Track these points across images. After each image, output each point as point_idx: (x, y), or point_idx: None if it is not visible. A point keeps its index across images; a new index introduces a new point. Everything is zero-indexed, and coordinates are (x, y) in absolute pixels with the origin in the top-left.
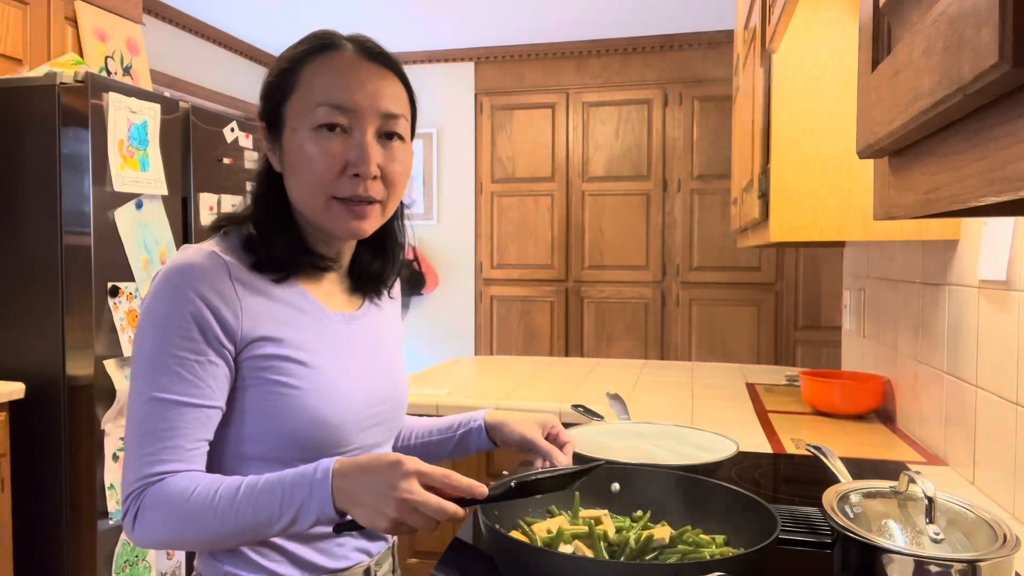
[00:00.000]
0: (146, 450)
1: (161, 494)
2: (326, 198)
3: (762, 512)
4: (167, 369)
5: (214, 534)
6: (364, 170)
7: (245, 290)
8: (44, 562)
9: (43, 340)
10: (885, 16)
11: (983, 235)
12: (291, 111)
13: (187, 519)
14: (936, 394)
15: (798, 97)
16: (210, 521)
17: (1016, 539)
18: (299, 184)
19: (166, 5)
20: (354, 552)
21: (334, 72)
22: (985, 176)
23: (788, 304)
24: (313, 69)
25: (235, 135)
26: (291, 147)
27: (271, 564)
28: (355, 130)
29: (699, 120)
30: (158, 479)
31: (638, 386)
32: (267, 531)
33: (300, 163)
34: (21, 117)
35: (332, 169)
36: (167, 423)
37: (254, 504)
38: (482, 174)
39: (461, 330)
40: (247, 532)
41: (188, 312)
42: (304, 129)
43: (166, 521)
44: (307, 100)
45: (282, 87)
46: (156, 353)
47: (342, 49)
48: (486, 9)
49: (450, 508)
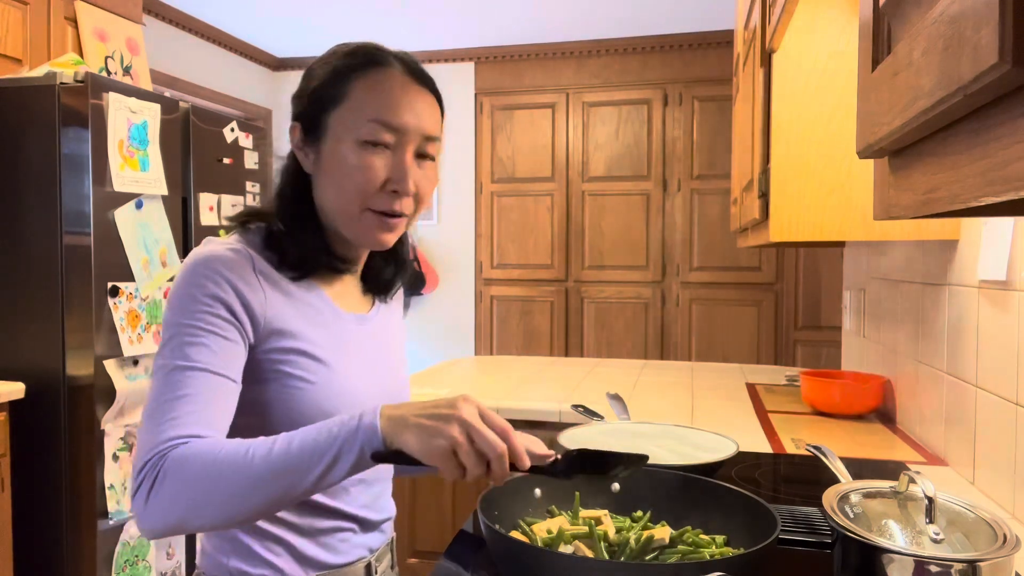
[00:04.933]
0: (170, 415)
1: (186, 454)
2: (361, 209)
3: (762, 512)
4: (194, 342)
5: (244, 491)
6: (404, 187)
7: (268, 283)
8: (44, 562)
9: (43, 340)
10: (885, 16)
11: (983, 235)
12: (336, 121)
13: (215, 476)
14: (936, 394)
15: (798, 97)
16: (241, 474)
17: (1016, 539)
18: (337, 191)
19: (166, 5)
20: (356, 548)
21: (386, 91)
22: (985, 176)
23: (788, 304)
24: (364, 84)
25: (235, 135)
26: (333, 156)
27: (276, 559)
28: (399, 149)
29: (699, 120)
30: (182, 442)
31: (638, 386)
32: (304, 477)
33: (341, 173)
34: (21, 117)
35: (373, 184)
36: (194, 388)
37: (290, 445)
38: (482, 174)
39: (461, 330)
40: (281, 482)
41: (215, 292)
42: (350, 141)
43: (189, 485)
44: (356, 114)
45: (329, 96)
46: (183, 328)
47: (391, 67)
48: (486, 9)
49: (500, 447)
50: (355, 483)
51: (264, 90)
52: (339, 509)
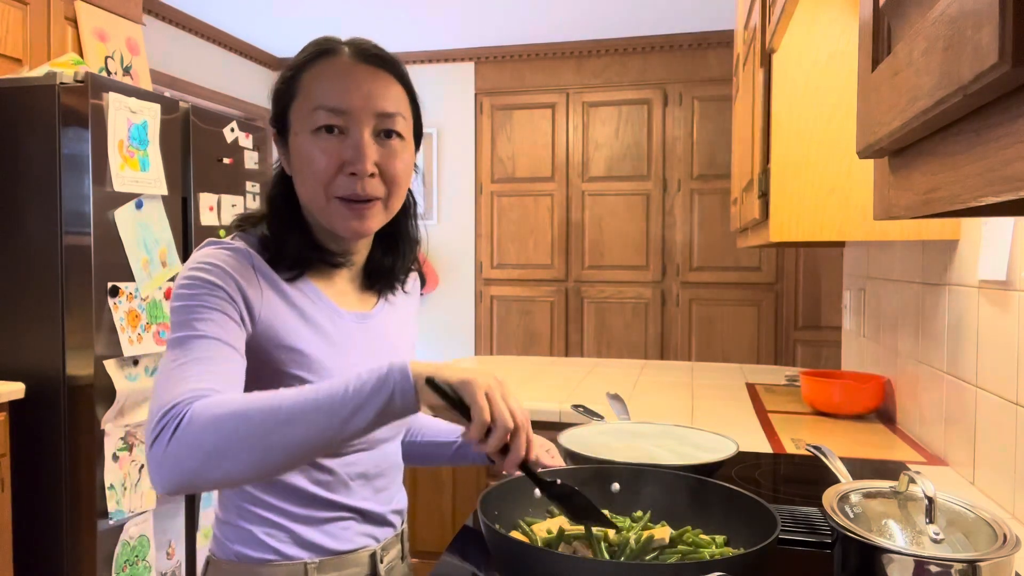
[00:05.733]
0: (187, 374)
1: (209, 401)
2: (327, 197)
3: (762, 512)
4: (202, 317)
5: (270, 433)
6: (360, 168)
7: (266, 282)
8: (44, 562)
9: (43, 340)
10: (885, 16)
11: (983, 235)
12: (294, 116)
13: (241, 417)
14: (936, 394)
15: (798, 97)
16: (268, 415)
17: (1016, 539)
18: (303, 185)
19: (166, 5)
20: (360, 536)
21: (330, 77)
22: (985, 176)
23: (788, 304)
24: (312, 75)
25: (235, 135)
26: (295, 150)
27: (279, 544)
28: (351, 130)
29: (699, 120)
30: (203, 395)
31: (638, 386)
32: (332, 418)
33: (302, 165)
34: (21, 117)
35: (330, 169)
36: (208, 354)
37: (318, 388)
38: (482, 174)
39: (461, 330)
40: (309, 423)
41: (218, 283)
42: (304, 132)
43: (213, 428)
44: (306, 105)
45: (287, 93)
46: (189, 309)
47: (339, 54)
48: (486, 9)
49: (523, 417)
50: (356, 478)
51: (264, 90)
52: (340, 502)
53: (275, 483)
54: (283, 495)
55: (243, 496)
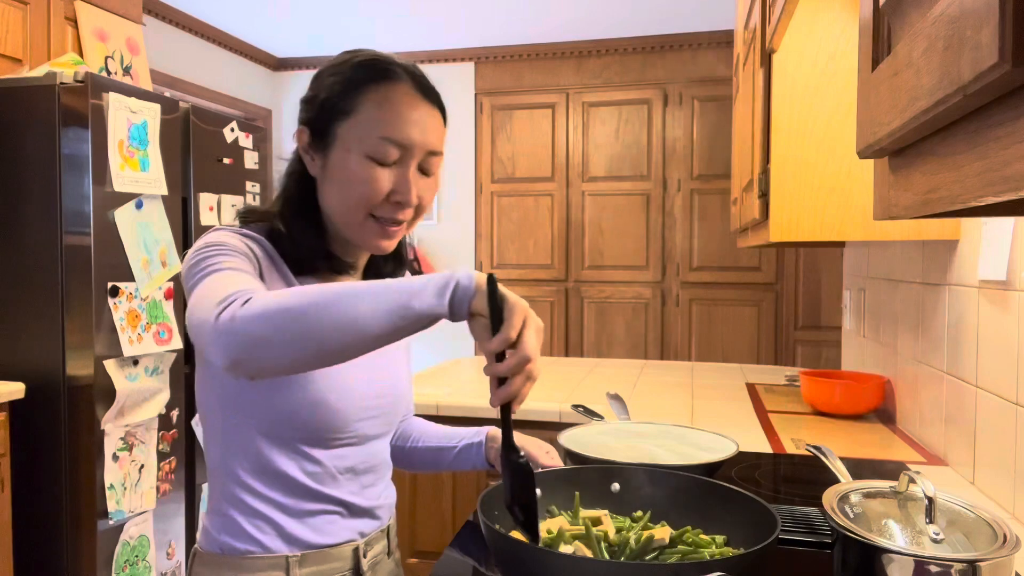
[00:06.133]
0: (236, 280)
1: (271, 293)
2: (365, 216)
3: (762, 512)
4: (224, 260)
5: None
6: (407, 200)
7: (276, 272)
8: (44, 562)
9: (43, 340)
10: (885, 16)
11: (983, 235)
12: (346, 132)
13: (306, 291)
14: (936, 394)
15: (798, 97)
16: (333, 290)
17: (1016, 539)
18: (342, 199)
19: (166, 5)
20: (343, 530)
21: (396, 108)
22: (985, 176)
23: (788, 304)
24: (376, 100)
25: (235, 135)
26: (341, 165)
27: (261, 536)
28: (404, 163)
29: (699, 120)
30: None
31: (638, 386)
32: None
33: (347, 182)
34: (21, 117)
35: (379, 195)
36: (246, 277)
37: (379, 281)
38: (482, 174)
39: (461, 330)
40: (379, 297)
41: (240, 246)
42: (358, 153)
43: (282, 299)
44: (366, 128)
45: (338, 107)
46: (213, 257)
47: (400, 81)
48: (486, 9)
49: (534, 358)
50: (344, 471)
51: (264, 90)
52: (326, 493)
53: (265, 470)
54: (273, 483)
55: (234, 481)
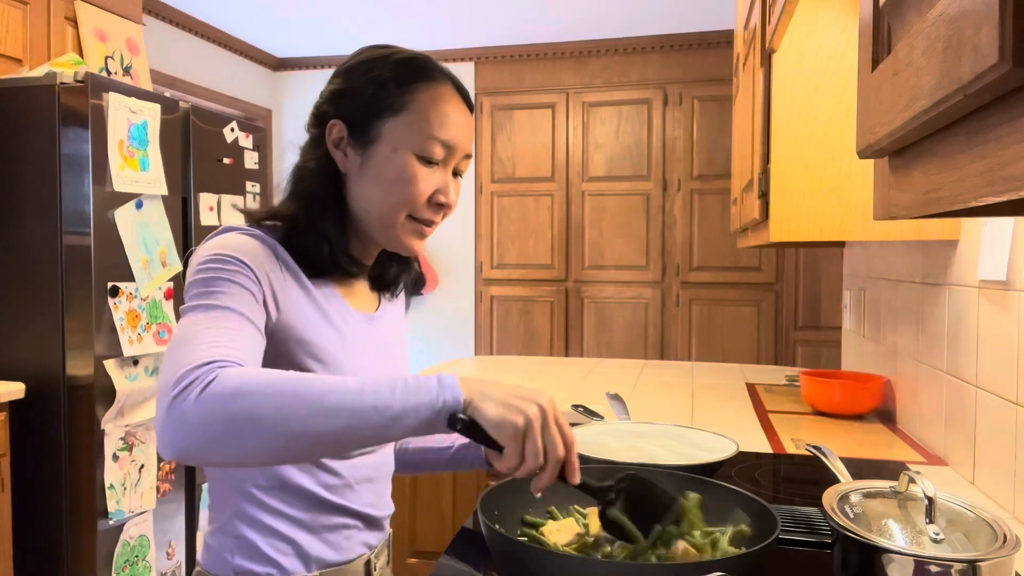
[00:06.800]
0: (211, 340)
1: (243, 369)
2: (405, 215)
3: (762, 512)
4: (224, 291)
5: (303, 413)
6: (449, 200)
7: (289, 274)
8: (44, 562)
9: (43, 340)
10: (885, 16)
11: (983, 235)
12: (394, 130)
13: (276, 387)
14: (936, 394)
15: (798, 97)
16: (307, 392)
17: (1016, 539)
18: (383, 197)
19: (166, 5)
20: (357, 545)
21: (447, 110)
22: (985, 176)
23: (788, 304)
24: (428, 99)
25: (235, 135)
26: (386, 163)
27: (281, 558)
28: (446, 164)
29: (699, 120)
30: (230, 364)
31: (638, 386)
32: (376, 414)
33: (393, 180)
34: (21, 117)
35: (426, 195)
36: (231, 325)
37: (364, 383)
38: (482, 174)
39: (461, 330)
40: (353, 407)
41: (246, 260)
42: (407, 153)
43: (247, 392)
44: (419, 128)
45: (385, 103)
46: (216, 280)
47: (444, 83)
48: (486, 9)
49: (562, 450)
50: (361, 481)
51: (264, 90)
52: (346, 506)
53: (282, 485)
54: (289, 499)
55: (247, 499)
